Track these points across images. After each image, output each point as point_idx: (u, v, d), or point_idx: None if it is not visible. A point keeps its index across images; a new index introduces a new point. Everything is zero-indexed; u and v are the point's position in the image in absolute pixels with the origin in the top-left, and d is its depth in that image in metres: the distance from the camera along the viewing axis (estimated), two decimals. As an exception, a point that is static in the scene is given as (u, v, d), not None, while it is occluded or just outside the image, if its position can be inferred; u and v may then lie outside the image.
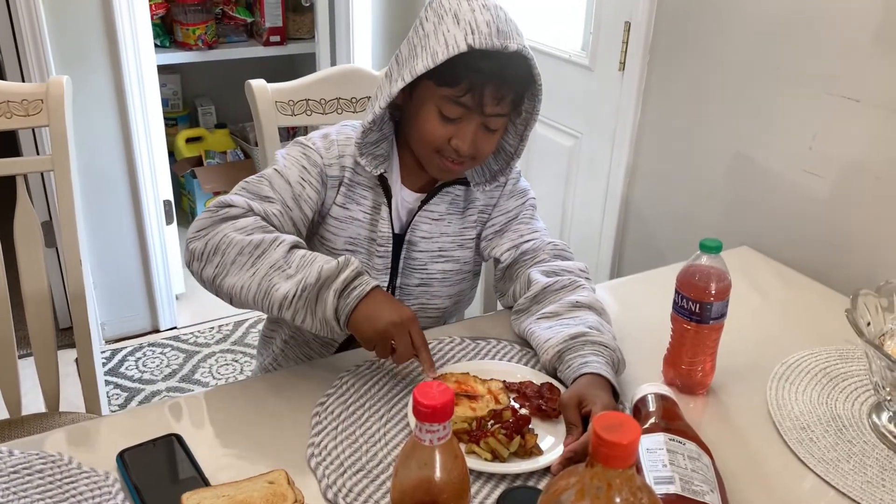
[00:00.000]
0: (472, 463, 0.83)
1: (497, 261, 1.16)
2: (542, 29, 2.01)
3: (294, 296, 0.92)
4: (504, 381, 0.97)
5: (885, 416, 0.93)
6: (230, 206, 1.00)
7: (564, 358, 0.97)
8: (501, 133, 1.07)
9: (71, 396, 2.03)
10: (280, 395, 0.97)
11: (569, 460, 0.84)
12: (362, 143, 1.07)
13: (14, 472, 0.80)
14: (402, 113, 1.10)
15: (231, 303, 0.97)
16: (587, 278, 1.11)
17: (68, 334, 2.39)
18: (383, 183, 1.10)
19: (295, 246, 0.97)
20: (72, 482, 0.80)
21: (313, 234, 1.14)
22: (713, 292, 0.93)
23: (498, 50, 0.96)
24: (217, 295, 0.98)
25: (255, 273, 0.94)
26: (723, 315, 0.95)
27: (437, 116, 1.02)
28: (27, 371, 1.32)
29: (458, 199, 1.15)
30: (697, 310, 0.94)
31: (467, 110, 1.00)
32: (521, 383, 0.96)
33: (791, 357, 1.06)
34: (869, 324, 0.92)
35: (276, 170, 1.06)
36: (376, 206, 1.11)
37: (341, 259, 0.93)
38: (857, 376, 1.02)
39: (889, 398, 0.88)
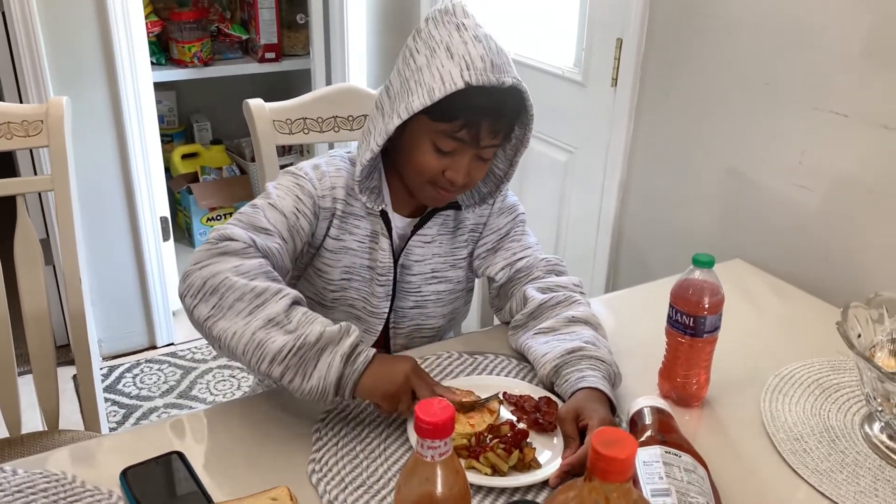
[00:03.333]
0: (472, 477, 0.84)
1: (491, 280, 1.17)
2: (535, 45, 2.04)
3: (290, 351, 0.87)
4: (504, 393, 0.99)
5: (876, 426, 0.94)
6: (230, 238, 0.97)
7: (561, 373, 0.98)
8: (492, 160, 1.08)
9: (68, 413, 2.03)
10: (281, 412, 0.98)
11: (566, 473, 0.85)
12: (361, 181, 1.05)
13: (18, 492, 0.81)
14: (390, 143, 1.06)
15: (218, 348, 0.92)
16: (581, 293, 1.12)
17: (64, 351, 2.39)
18: (383, 215, 1.09)
19: (296, 302, 0.93)
20: (76, 501, 0.81)
21: (308, 265, 1.13)
22: (707, 306, 0.95)
23: (494, 85, 0.96)
24: (205, 336, 0.93)
25: (250, 322, 0.89)
26: (716, 328, 0.97)
27: (432, 149, 1.01)
28: (24, 388, 1.33)
29: (449, 219, 1.16)
30: (691, 323, 0.95)
31: (463, 144, 1.00)
32: (519, 397, 0.98)
33: (784, 369, 1.08)
34: (860, 335, 0.94)
35: (269, 202, 1.04)
36: (373, 236, 1.10)
37: (343, 324, 0.91)
38: (850, 387, 1.04)
39: (880, 409, 0.90)
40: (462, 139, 0.99)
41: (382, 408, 0.91)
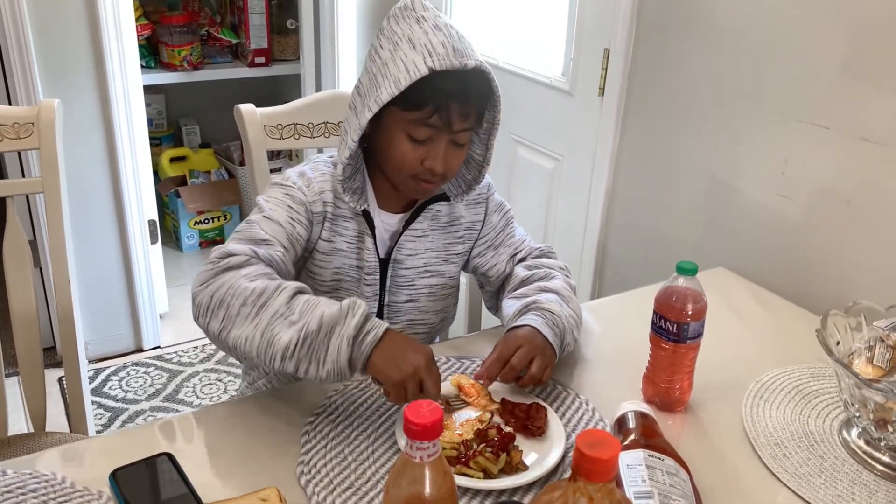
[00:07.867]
0: (461, 480, 0.85)
1: (494, 274, 1.21)
2: (523, 54, 2.06)
3: (296, 344, 0.88)
4: (503, 399, 0.99)
5: (854, 431, 0.96)
6: (231, 254, 0.98)
7: (513, 322, 1.06)
8: (468, 146, 1.11)
9: (53, 416, 2.01)
10: (269, 415, 0.98)
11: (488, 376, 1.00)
12: (344, 181, 1.07)
13: (8, 492, 0.82)
14: (369, 142, 1.10)
15: (237, 357, 0.95)
16: (566, 275, 1.19)
17: (50, 353, 2.38)
18: (366, 215, 1.11)
19: (299, 292, 0.94)
20: (66, 501, 0.81)
21: (300, 269, 1.15)
22: (690, 313, 0.96)
23: (458, 69, 0.99)
24: (225, 350, 0.95)
25: (258, 323, 0.91)
26: (699, 335, 0.99)
27: (407, 140, 1.04)
28: (10, 391, 1.33)
29: (440, 214, 1.18)
30: (675, 330, 0.97)
31: (436, 130, 1.02)
32: (513, 404, 0.98)
33: (765, 375, 1.10)
34: (838, 343, 0.96)
35: (263, 215, 1.06)
36: (360, 236, 1.13)
37: (344, 303, 0.91)
38: (829, 394, 1.06)
39: (857, 415, 0.92)
40: (434, 125, 1.02)
41: (390, 396, 0.91)
